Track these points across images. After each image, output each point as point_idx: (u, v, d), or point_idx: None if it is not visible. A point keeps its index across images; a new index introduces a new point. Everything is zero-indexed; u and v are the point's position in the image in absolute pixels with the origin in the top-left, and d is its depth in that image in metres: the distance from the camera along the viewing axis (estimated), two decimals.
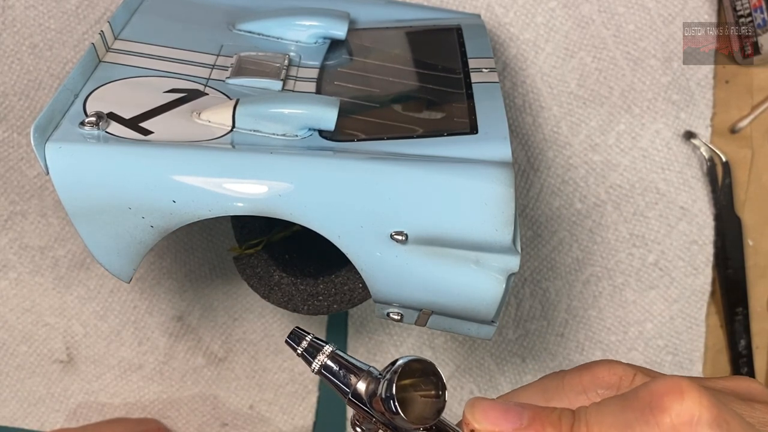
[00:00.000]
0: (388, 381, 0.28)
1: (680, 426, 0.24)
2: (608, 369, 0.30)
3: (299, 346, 0.31)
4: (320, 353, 0.30)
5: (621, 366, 0.30)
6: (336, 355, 0.30)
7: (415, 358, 0.28)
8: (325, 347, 0.30)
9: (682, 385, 0.25)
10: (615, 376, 0.30)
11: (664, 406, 0.25)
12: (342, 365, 0.30)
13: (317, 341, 0.31)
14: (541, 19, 0.56)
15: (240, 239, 0.45)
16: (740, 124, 0.58)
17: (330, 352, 0.30)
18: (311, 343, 0.31)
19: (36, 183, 0.57)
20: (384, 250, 0.36)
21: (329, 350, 0.30)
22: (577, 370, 0.31)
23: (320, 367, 0.30)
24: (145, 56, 0.42)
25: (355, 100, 0.43)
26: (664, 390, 0.25)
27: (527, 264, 0.60)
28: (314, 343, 0.31)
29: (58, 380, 0.61)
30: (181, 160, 0.35)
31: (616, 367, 0.30)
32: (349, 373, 0.30)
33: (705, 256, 0.59)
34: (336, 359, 0.30)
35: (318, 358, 0.30)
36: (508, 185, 0.35)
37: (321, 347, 0.30)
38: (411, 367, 0.28)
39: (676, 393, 0.25)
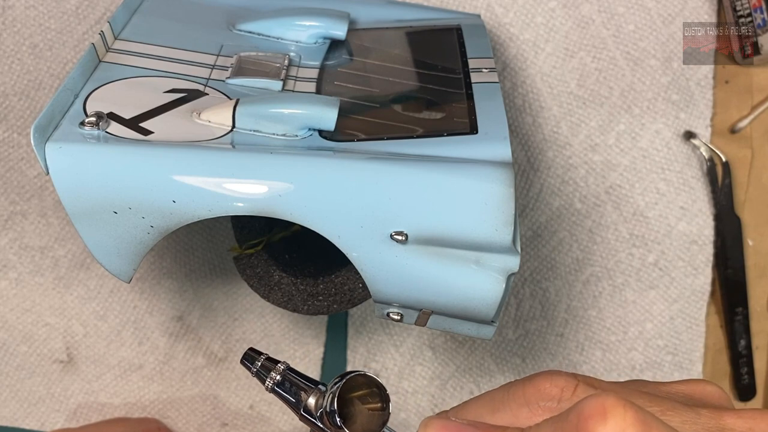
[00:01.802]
0: (332, 395, 0.29)
1: None
2: (550, 381, 0.30)
3: (253, 365, 0.32)
4: (273, 371, 0.32)
5: (563, 377, 0.30)
6: (287, 374, 0.32)
7: (359, 373, 0.29)
8: (277, 365, 0.32)
9: (606, 404, 0.25)
10: (556, 388, 0.30)
11: (589, 429, 0.24)
12: (293, 383, 0.31)
13: (270, 362, 0.32)
14: (541, 19, 0.56)
15: (240, 239, 0.45)
16: (740, 124, 0.58)
17: (282, 369, 0.32)
18: (263, 363, 0.32)
19: (36, 183, 0.57)
20: (384, 250, 0.36)
21: (281, 368, 0.32)
22: (522, 381, 0.31)
23: (273, 385, 0.32)
24: (145, 56, 0.42)
25: (355, 100, 0.43)
26: (589, 412, 0.25)
27: (527, 264, 0.60)
28: (266, 363, 0.32)
29: (58, 380, 0.61)
30: (181, 160, 0.35)
31: (558, 378, 0.30)
32: (300, 389, 0.31)
33: (705, 256, 0.59)
34: (287, 377, 0.32)
35: (270, 376, 0.32)
36: (508, 185, 0.35)
37: (273, 367, 0.32)
38: (356, 381, 0.29)
39: (599, 415, 0.25)
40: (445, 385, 0.62)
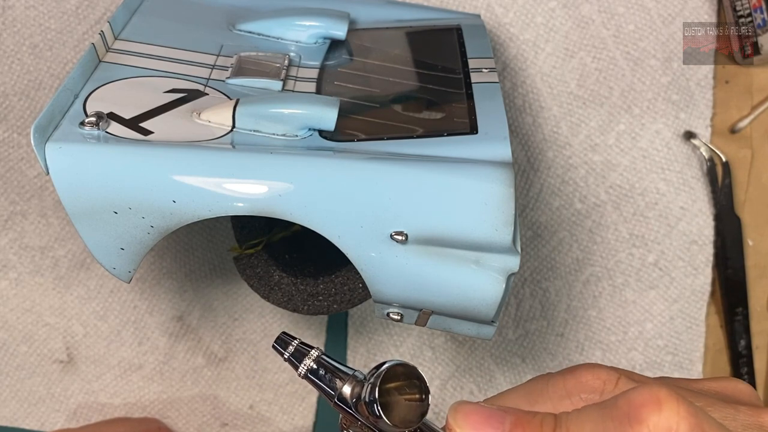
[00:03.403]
0: (371, 385, 0.28)
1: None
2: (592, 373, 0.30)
3: (286, 350, 0.31)
4: (306, 357, 0.31)
5: (605, 370, 0.30)
6: (322, 360, 0.31)
7: (399, 362, 0.29)
8: (311, 351, 0.31)
9: (660, 395, 0.25)
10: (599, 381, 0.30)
11: (642, 417, 0.25)
12: (328, 369, 0.30)
13: (303, 346, 0.31)
14: (541, 19, 0.56)
15: (240, 239, 0.45)
16: (740, 124, 0.58)
17: (316, 356, 0.31)
18: (297, 347, 0.31)
19: (36, 183, 0.57)
20: (384, 250, 0.36)
21: (315, 354, 0.31)
22: (562, 373, 0.31)
23: (306, 371, 0.31)
24: (145, 56, 0.42)
25: (355, 100, 0.43)
26: (642, 400, 0.25)
27: (527, 264, 0.60)
28: (300, 347, 0.31)
29: (58, 380, 0.61)
30: (181, 160, 0.35)
31: (600, 371, 0.30)
32: (335, 377, 0.30)
33: (705, 256, 0.59)
34: (322, 363, 0.31)
35: (304, 362, 0.31)
36: (508, 185, 0.35)
37: (307, 352, 0.31)
38: (395, 371, 0.29)
39: (654, 404, 0.25)
40: (445, 385, 0.62)
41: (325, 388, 0.30)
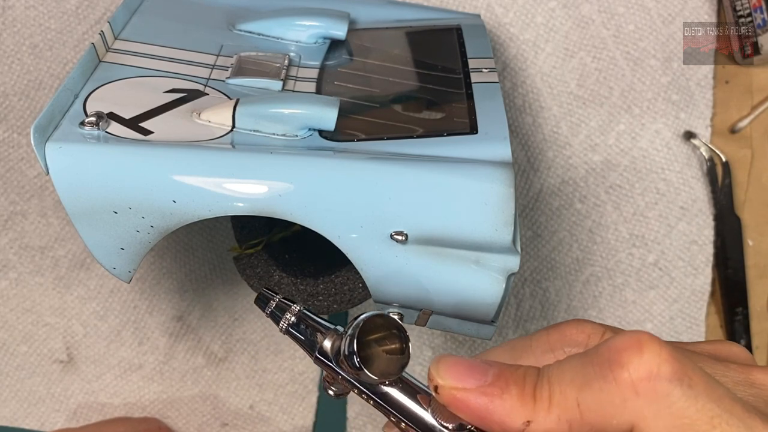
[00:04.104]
0: (350, 337, 0.28)
1: (638, 381, 0.24)
2: (576, 327, 0.29)
3: (267, 306, 0.31)
4: (287, 312, 0.31)
5: (590, 324, 0.30)
6: (303, 315, 0.30)
7: (377, 314, 0.28)
8: (292, 307, 0.31)
9: (641, 339, 0.24)
10: (583, 334, 0.29)
11: (622, 361, 0.24)
12: (309, 324, 0.30)
13: (285, 302, 0.31)
14: (541, 19, 0.56)
15: (240, 239, 0.45)
16: (740, 124, 0.58)
17: (297, 311, 0.30)
18: (279, 303, 0.31)
19: (36, 183, 0.57)
20: (384, 250, 0.36)
21: (296, 309, 0.31)
22: (545, 329, 0.30)
23: (287, 326, 0.30)
24: (145, 56, 0.42)
25: (355, 100, 0.43)
26: (624, 345, 0.25)
27: (527, 264, 0.60)
28: (282, 303, 0.31)
29: (58, 380, 0.61)
30: (181, 160, 0.35)
31: (585, 325, 0.30)
32: (316, 331, 0.30)
33: (705, 256, 0.59)
34: (303, 318, 0.30)
35: (285, 317, 0.30)
36: (508, 185, 0.35)
37: (288, 307, 0.31)
38: (374, 323, 0.28)
39: (635, 347, 0.24)
40: None
41: (306, 343, 0.30)
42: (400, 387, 0.29)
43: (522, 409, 0.26)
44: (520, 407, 0.26)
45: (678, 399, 0.24)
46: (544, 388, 0.26)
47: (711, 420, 0.23)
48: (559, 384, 0.25)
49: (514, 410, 0.26)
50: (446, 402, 0.27)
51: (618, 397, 0.24)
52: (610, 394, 0.24)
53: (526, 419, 0.25)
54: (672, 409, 0.24)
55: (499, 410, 0.26)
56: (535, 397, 0.26)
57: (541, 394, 0.26)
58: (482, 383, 0.26)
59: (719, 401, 0.24)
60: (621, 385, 0.24)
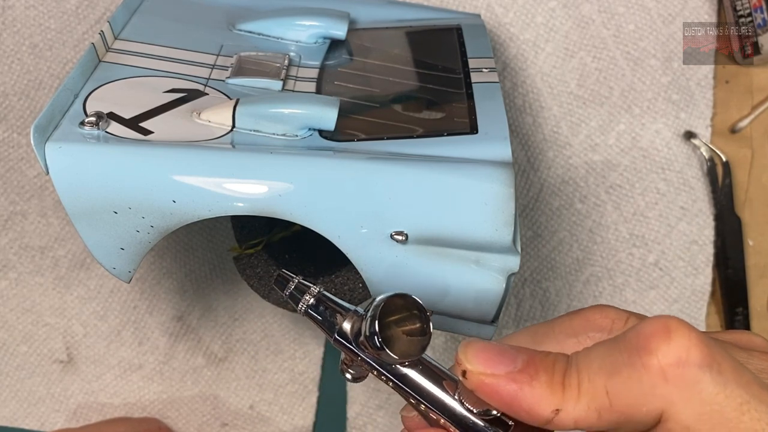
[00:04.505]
0: (371, 317, 0.28)
1: (668, 367, 0.24)
2: (600, 312, 0.29)
3: (286, 288, 0.31)
4: (306, 294, 0.30)
5: (614, 310, 0.29)
6: (322, 296, 0.30)
7: (397, 294, 0.28)
8: (311, 288, 0.30)
9: (670, 325, 0.24)
10: (607, 319, 0.29)
11: (651, 347, 0.24)
12: (328, 306, 0.30)
13: (304, 283, 0.31)
14: (541, 19, 0.56)
15: (240, 239, 0.45)
16: (740, 124, 0.58)
17: (317, 292, 0.30)
18: (298, 285, 0.31)
19: (36, 183, 0.57)
20: (384, 250, 0.36)
21: (316, 291, 0.30)
22: (569, 314, 0.30)
23: (306, 307, 0.30)
24: (145, 56, 0.42)
25: (355, 100, 0.43)
26: (651, 331, 0.24)
27: (527, 264, 0.60)
28: (301, 284, 0.31)
29: (58, 380, 0.61)
30: (181, 160, 0.35)
31: (609, 310, 0.29)
32: (335, 313, 0.30)
33: (705, 256, 0.59)
34: (322, 300, 0.30)
35: (304, 298, 0.30)
36: (508, 185, 0.35)
37: (307, 289, 0.30)
38: (394, 304, 0.28)
39: (663, 333, 0.24)
40: None
41: (325, 324, 0.30)
42: (419, 369, 0.28)
43: (551, 397, 0.25)
44: (549, 395, 0.25)
45: (707, 385, 0.23)
46: (573, 376, 0.25)
47: (740, 406, 0.23)
48: (587, 372, 0.25)
49: (543, 398, 0.25)
50: (474, 387, 0.26)
51: (647, 384, 0.24)
52: (639, 381, 0.24)
53: (555, 407, 0.25)
54: (702, 395, 0.23)
55: (528, 398, 0.25)
56: (564, 385, 0.25)
57: (570, 382, 0.25)
58: (511, 369, 0.26)
59: (747, 387, 0.24)
60: (650, 371, 0.24)
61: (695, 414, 0.23)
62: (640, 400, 0.24)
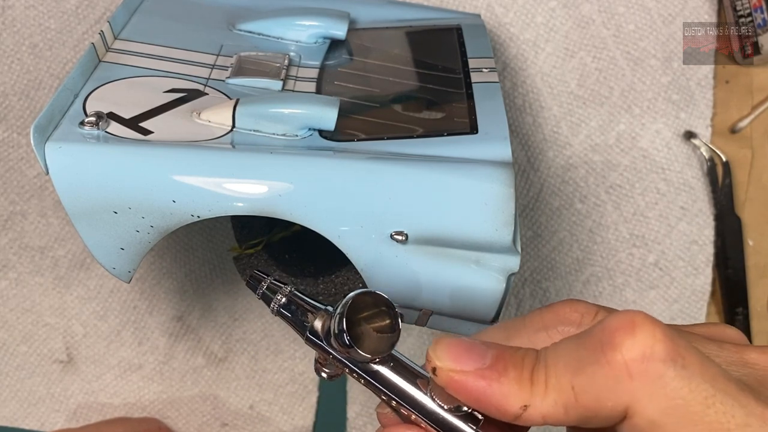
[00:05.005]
0: (339, 315, 0.28)
1: (632, 363, 0.24)
2: (570, 306, 0.29)
3: (258, 287, 0.31)
4: (278, 293, 0.31)
5: (583, 304, 0.29)
6: (294, 296, 0.31)
7: (365, 291, 0.28)
8: (283, 288, 0.31)
9: (635, 319, 0.24)
10: (576, 313, 0.29)
11: (615, 342, 0.24)
12: (299, 305, 0.30)
13: (276, 283, 0.31)
14: (541, 19, 0.56)
15: (240, 239, 0.45)
16: (740, 124, 0.58)
17: (288, 292, 0.31)
18: (270, 284, 0.31)
19: (36, 183, 0.57)
20: (384, 250, 0.36)
21: (287, 291, 0.31)
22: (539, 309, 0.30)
23: (278, 307, 0.31)
24: (145, 56, 0.42)
25: (355, 100, 0.43)
26: (616, 326, 0.24)
27: (527, 264, 0.60)
28: (273, 284, 0.31)
29: (58, 380, 0.61)
30: (181, 160, 0.35)
31: (578, 304, 0.29)
32: (306, 312, 0.30)
33: (705, 256, 0.59)
34: (293, 300, 0.30)
35: (276, 298, 0.31)
36: (508, 185, 0.35)
37: (279, 288, 0.31)
38: (363, 301, 0.28)
39: (628, 328, 0.24)
40: None
41: (297, 324, 0.30)
42: (390, 366, 0.29)
43: (519, 393, 0.25)
44: (517, 391, 0.25)
45: (672, 380, 0.24)
46: (540, 372, 0.25)
47: (705, 400, 0.23)
48: (555, 368, 0.25)
49: (511, 394, 0.25)
50: (444, 384, 0.26)
51: (612, 380, 0.24)
52: (603, 377, 0.24)
53: (523, 403, 0.25)
54: (666, 389, 0.24)
55: (497, 394, 0.26)
56: (532, 381, 0.25)
57: (538, 378, 0.25)
58: (480, 366, 0.26)
59: (713, 381, 0.24)
60: (614, 367, 0.24)
61: (660, 408, 0.24)
62: (605, 395, 0.24)
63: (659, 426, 0.24)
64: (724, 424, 0.23)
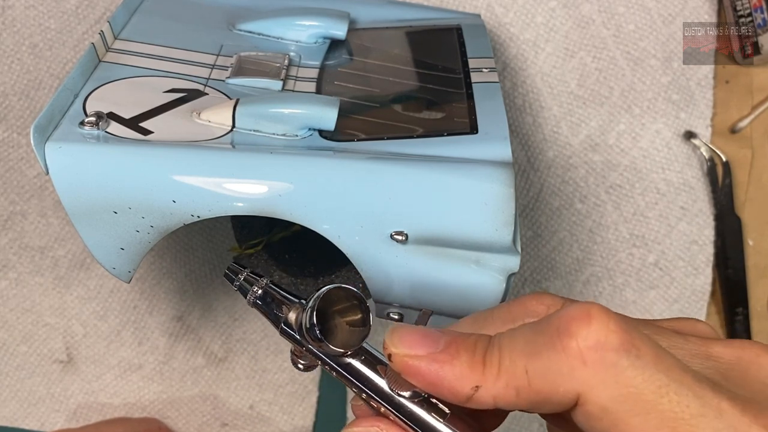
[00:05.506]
0: (310, 309, 0.28)
1: (586, 350, 0.24)
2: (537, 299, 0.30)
3: (236, 280, 0.32)
4: (255, 285, 0.31)
5: (549, 296, 0.30)
6: (269, 288, 0.31)
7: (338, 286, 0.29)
8: (259, 280, 0.31)
9: (591, 310, 0.25)
10: (543, 306, 0.29)
11: (571, 330, 0.24)
12: (275, 298, 0.31)
13: (252, 275, 0.32)
14: (541, 19, 0.56)
15: (240, 239, 0.45)
16: (740, 124, 0.58)
17: (264, 284, 0.31)
18: (246, 277, 0.32)
19: (36, 183, 0.57)
20: (384, 250, 0.36)
21: (263, 283, 0.31)
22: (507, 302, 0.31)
23: (254, 299, 0.31)
24: (145, 56, 0.42)
25: (355, 100, 0.43)
26: (573, 315, 0.25)
27: (527, 264, 0.60)
28: (249, 277, 0.32)
29: (58, 380, 0.61)
30: (181, 159, 0.35)
31: (545, 297, 0.30)
32: (281, 304, 0.31)
33: (705, 256, 0.59)
34: (269, 292, 0.31)
35: (252, 290, 0.31)
36: (508, 185, 0.35)
37: (255, 281, 0.31)
38: (336, 294, 0.29)
39: (584, 318, 0.25)
40: None
41: (272, 316, 0.31)
42: (362, 359, 0.29)
43: (471, 375, 0.26)
44: (469, 373, 0.26)
45: (625, 369, 0.24)
46: (494, 355, 0.26)
47: (659, 389, 0.24)
48: (509, 351, 0.26)
49: (463, 376, 0.26)
50: (399, 369, 0.27)
51: (565, 366, 0.24)
52: (557, 362, 0.25)
53: (474, 384, 0.26)
54: (618, 378, 0.24)
55: (449, 376, 0.26)
56: (485, 363, 0.26)
57: (491, 361, 0.26)
58: (434, 350, 0.27)
59: (668, 371, 0.24)
60: (569, 354, 0.24)
61: (612, 396, 0.24)
62: (557, 381, 0.25)
63: (611, 413, 0.24)
64: (678, 413, 0.23)
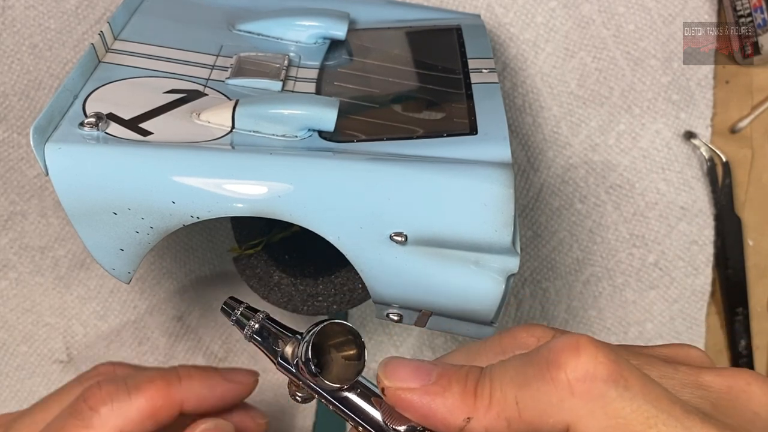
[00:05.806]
0: (306, 343, 0.29)
1: (575, 382, 0.24)
2: (527, 331, 0.30)
3: (233, 314, 0.32)
4: (251, 320, 0.32)
5: (540, 328, 0.30)
6: (266, 323, 0.32)
7: (334, 321, 0.29)
8: (256, 314, 0.32)
9: (580, 341, 0.25)
10: (533, 338, 0.30)
11: (560, 362, 0.25)
12: (271, 332, 0.31)
13: (249, 310, 0.32)
14: (541, 19, 0.56)
15: (240, 240, 0.45)
16: (740, 124, 0.58)
17: (261, 318, 0.32)
18: (243, 311, 0.32)
19: (36, 183, 0.57)
20: (383, 251, 0.36)
21: (260, 317, 0.32)
22: (499, 333, 0.31)
23: (251, 333, 0.32)
24: (145, 57, 0.42)
25: (354, 101, 0.43)
26: (562, 346, 0.25)
27: (527, 264, 0.60)
28: (246, 311, 0.32)
29: (58, 380, 0.61)
30: (180, 160, 0.35)
31: (535, 329, 0.30)
32: (278, 339, 0.31)
33: (705, 256, 0.59)
34: (266, 326, 0.32)
35: (249, 324, 0.32)
36: (507, 186, 0.35)
37: (252, 315, 0.32)
38: (332, 330, 0.29)
39: (573, 349, 0.25)
40: None
41: (269, 350, 0.31)
42: (358, 392, 0.30)
43: (463, 406, 0.26)
44: (461, 404, 0.26)
45: (613, 399, 0.24)
46: (485, 386, 0.26)
47: (647, 420, 0.24)
48: (500, 382, 0.26)
49: (455, 407, 0.26)
50: (393, 402, 0.27)
51: (555, 397, 0.25)
52: (547, 393, 0.25)
53: (466, 416, 0.26)
54: (607, 409, 0.24)
55: (441, 408, 0.26)
56: (476, 394, 0.26)
57: (482, 392, 0.26)
58: (426, 382, 0.27)
59: (656, 402, 0.24)
60: (558, 385, 0.25)
61: (600, 427, 0.24)
62: (547, 411, 0.25)
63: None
64: None
